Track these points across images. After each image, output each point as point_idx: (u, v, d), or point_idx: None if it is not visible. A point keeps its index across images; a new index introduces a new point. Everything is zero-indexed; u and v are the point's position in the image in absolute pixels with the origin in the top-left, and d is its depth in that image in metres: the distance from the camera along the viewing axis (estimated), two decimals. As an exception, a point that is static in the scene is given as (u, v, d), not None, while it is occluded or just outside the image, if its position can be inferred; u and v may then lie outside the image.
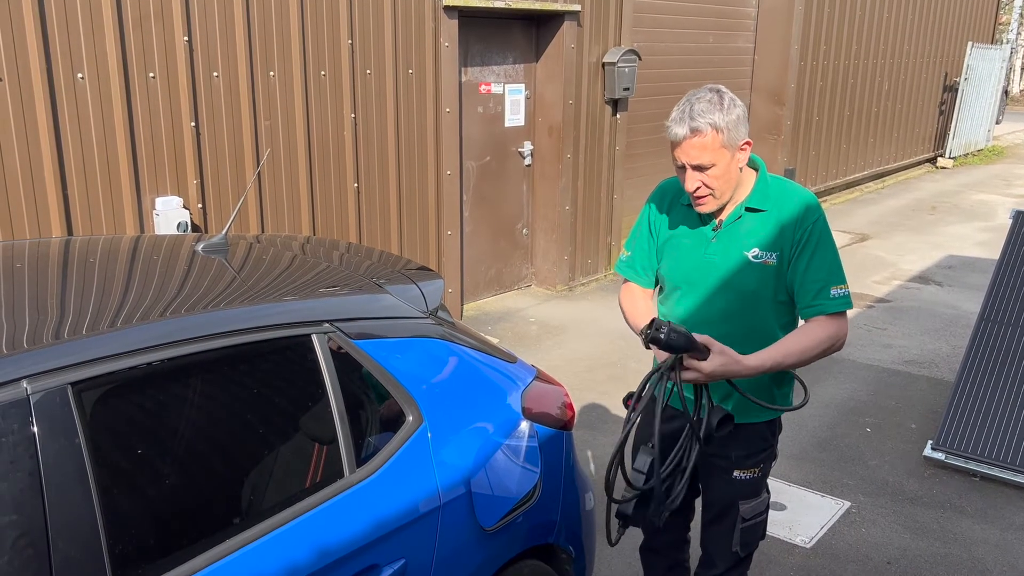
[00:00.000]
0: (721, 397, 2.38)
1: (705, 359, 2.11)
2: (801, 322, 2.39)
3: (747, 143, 2.25)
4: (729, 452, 2.43)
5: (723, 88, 2.23)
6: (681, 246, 2.41)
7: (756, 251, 2.31)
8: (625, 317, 2.52)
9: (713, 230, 2.36)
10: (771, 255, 2.30)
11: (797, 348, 2.23)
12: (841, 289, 2.27)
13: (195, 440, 1.77)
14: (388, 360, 2.14)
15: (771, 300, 2.33)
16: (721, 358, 2.12)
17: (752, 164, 2.37)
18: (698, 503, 2.66)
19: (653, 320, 2.06)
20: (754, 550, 2.56)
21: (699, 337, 2.11)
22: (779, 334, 2.36)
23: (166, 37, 4.32)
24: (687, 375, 2.13)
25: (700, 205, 2.29)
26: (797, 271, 2.28)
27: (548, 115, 6.87)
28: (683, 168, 2.24)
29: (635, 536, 2.77)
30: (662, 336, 2.03)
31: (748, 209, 2.33)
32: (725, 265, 2.34)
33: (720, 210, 2.34)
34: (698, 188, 2.24)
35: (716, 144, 2.18)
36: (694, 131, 2.17)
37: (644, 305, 2.52)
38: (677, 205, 2.45)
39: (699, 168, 2.21)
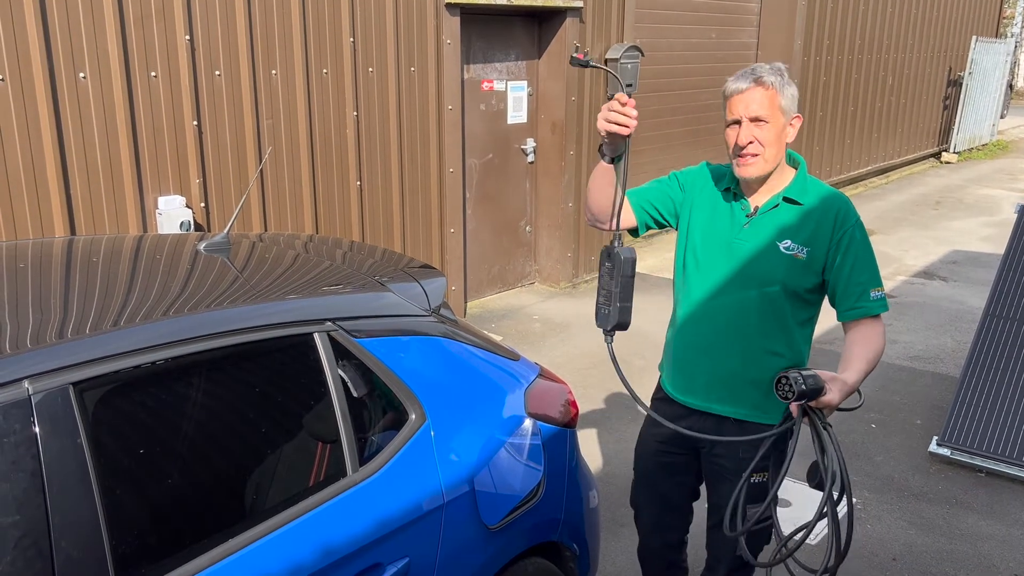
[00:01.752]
0: (721, 397, 2.38)
1: (823, 394, 2.01)
2: (815, 323, 2.38)
3: (797, 117, 2.27)
4: (736, 453, 2.40)
5: (784, 67, 2.28)
6: (712, 225, 2.39)
7: (788, 242, 2.29)
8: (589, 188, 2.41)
9: (747, 216, 2.34)
10: (802, 249, 2.28)
11: (874, 355, 2.21)
12: (879, 291, 2.28)
13: (197, 440, 1.77)
14: (391, 358, 2.14)
15: (792, 294, 2.31)
16: (837, 384, 2.05)
17: (792, 162, 2.37)
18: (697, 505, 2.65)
19: (781, 379, 1.96)
20: (759, 554, 2.54)
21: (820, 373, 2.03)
22: (795, 332, 2.35)
23: (168, 36, 4.32)
24: (828, 415, 2.06)
25: (744, 165, 2.26)
26: (841, 274, 2.27)
27: (551, 112, 6.86)
28: (737, 123, 2.24)
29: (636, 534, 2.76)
30: (805, 387, 1.93)
31: (786, 200, 2.31)
32: (753, 251, 2.31)
33: (758, 187, 2.33)
34: (751, 143, 2.23)
35: (775, 102, 2.21)
36: (757, 81, 2.20)
37: (605, 180, 2.32)
38: (717, 186, 2.43)
39: (756, 120, 2.21)
